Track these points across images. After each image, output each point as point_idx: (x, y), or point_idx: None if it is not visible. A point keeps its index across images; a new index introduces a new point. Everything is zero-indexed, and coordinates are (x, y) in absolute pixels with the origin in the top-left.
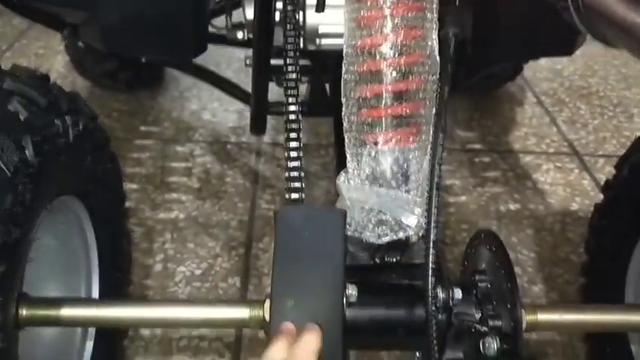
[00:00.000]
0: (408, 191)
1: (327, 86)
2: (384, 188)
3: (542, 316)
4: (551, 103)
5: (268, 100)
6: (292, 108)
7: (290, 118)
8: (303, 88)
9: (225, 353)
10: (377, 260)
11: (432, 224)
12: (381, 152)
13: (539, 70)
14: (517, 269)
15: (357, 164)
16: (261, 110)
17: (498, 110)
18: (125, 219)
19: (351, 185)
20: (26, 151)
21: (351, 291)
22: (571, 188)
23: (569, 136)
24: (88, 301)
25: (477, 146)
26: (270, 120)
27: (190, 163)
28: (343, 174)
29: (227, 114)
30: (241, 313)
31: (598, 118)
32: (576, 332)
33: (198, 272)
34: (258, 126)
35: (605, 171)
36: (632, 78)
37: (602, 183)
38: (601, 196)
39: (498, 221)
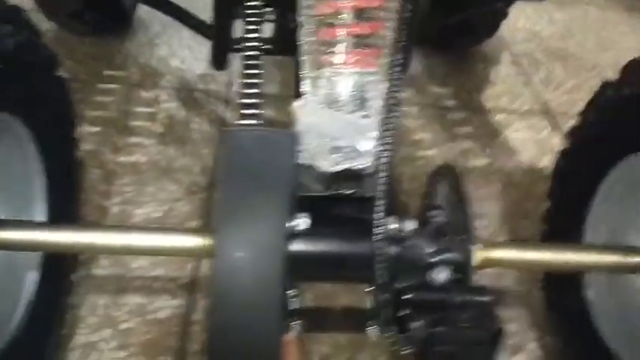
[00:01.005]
0: (365, 117)
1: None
2: (340, 113)
3: (497, 253)
4: (527, 64)
5: (232, 36)
6: (252, 27)
7: (249, 28)
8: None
9: (178, 294)
10: (331, 192)
11: (386, 148)
12: (338, 74)
13: (517, 31)
14: (482, 222)
15: (314, 88)
16: (222, 43)
17: (474, 69)
18: (75, 147)
19: (306, 109)
20: None
21: (301, 221)
22: (541, 146)
23: (543, 96)
24: (30, 224)
25: (450, 102)
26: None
27: (155, 109)
28: (299, 99)
29: (197, 62)
30: (192, 242)
31: (573, 80)
32: (532, 271)
33: (156, 215)
34: (218, 60)
35: None
36: (609, 42)
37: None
38: None
39: (466, 175)
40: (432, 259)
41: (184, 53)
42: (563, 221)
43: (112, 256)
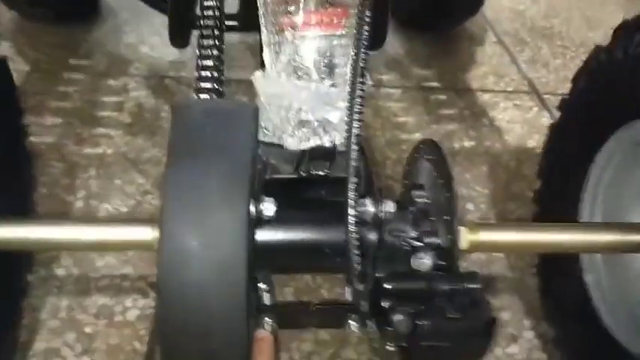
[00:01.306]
0: (333, 85)
1: None
2: (306, 81)
3: (486, 235)
4: (512, 43)
5: (194, 13)
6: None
7: (206, 4)
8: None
9: (149, 293)
10: (301, 174)
11: (355, 121)
12: (301, 38)
13: (501, 10)
14: (469, 205)
15: (275, 55)
16: (180, 19)
17: (457, 49)
18: (23, 136)
19: (267, 80)
20: None
21: (267, 206)
22: (529, 126)
23: (529, 75)
24: None
25: (434, 84)
26: None
27: (123, 98)
28: (260, 70)
29: (167, 48)
30: (143, 233)
31: (560, 58)
32: (523, 254)
33: (124, 209)
34: (176, 36)
35: None
36: (595, 20)
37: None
38: None
39: (452, 158)
40: (415, 244)
41: (154, 40)
42: (555, 201)
43: (76, 255)
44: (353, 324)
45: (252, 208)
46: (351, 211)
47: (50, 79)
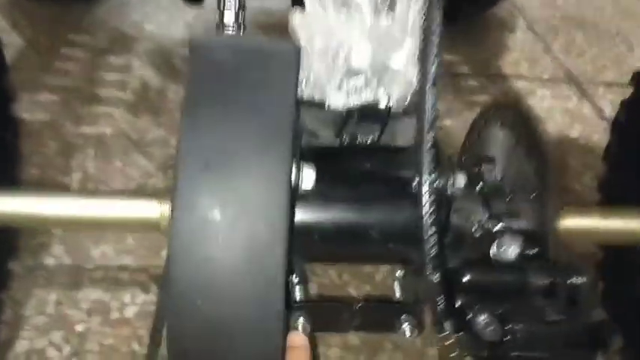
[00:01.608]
0: (394, 22)
1: None
2: (359, 15)
3: (585, 220)
4: (544, 31)
5: None
6: None
7: None
8: None
9: (150, 287)
10: (345, 140)
11: (431, 74)
12: None
13: None
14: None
15: None
16: None
17: (486, 36)
18: (10, 102)
19: (311, 18)
20: None
21: (307, 174)
22: (570, 115)
23: (565, 64)
24: None
25: (464, 70)
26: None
27: (126, 76)
28: (299, 9)
29: (174, 26)
30: (148, 208)
31: (595, 47)
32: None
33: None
34: None
35: (607, 98)
36: (628, 10)
37: (607, 111)
38: (604, 124)
39: None
40: (496, 228)
41: (160, 18)
42: (627, 187)
43: (68, 242)
44: (407, 327)
45: (293, 176)
46: (423, 187)
47: (48, 54)
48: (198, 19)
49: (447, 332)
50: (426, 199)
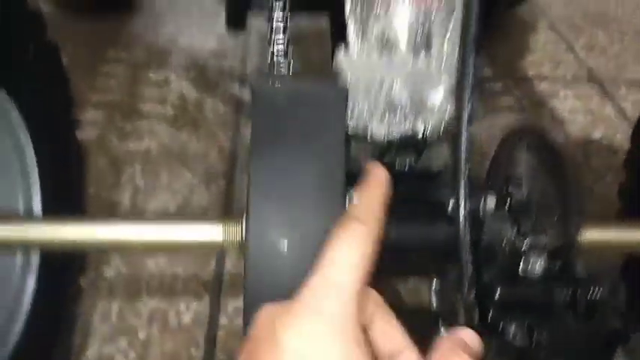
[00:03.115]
0: (430, 62)
1: None
2: (399, 58)
3: (607, 234)
4: (566, 29)
5: None
6: None
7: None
8: None
9: (203, 295)
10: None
11: (467, 106)
12: (393, 9)
13: None
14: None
15: (362, 31)
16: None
17: (509, 36)
18: (74, 127)
19: (355, 58)
20: None
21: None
22: (592, 116)
23: (587, 62)
24: (21, 218)
25: (487, 73)
26: (257, 43)
27: (164, 90)
28: (343, 46)
29: (207, 38)
30: (213, 232)
31: (618, 44)
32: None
33: (172, 207)
34: (235, 18)
35: (629, 99)
36: None
37: (628, 110)
38: (626, 125)
39: None
40: (522, 245)
41: (192, 31)
42: None
43: (124, 255)
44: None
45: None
46: (459, 208)
47: (91, 71)
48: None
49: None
50: (463, 222)
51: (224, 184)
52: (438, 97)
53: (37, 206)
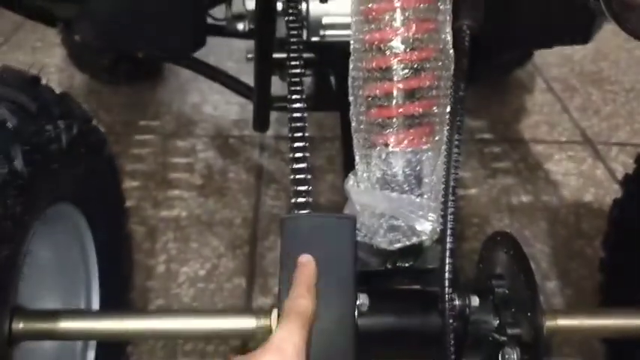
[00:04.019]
0: (421, 195)
1: (333, 80)
2: (396, 193)
3: (563, 322)
4: (561, 90)
5: (271, 95)
6: (297, 105)
7: (294, 115)
8: (308, 81)
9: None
10: (389, 266)
11: (449, 230)
12: (392, 154)
13: (549, 55)
14: (531, 264)
15: (367, 166)
16: (264, 105)
17: (508, 98)
18: (125, 222)
19: (361, 189)
20: (15, 162)
21: (363, 300)
22: (584, 178)
23: (581, 124)
24: (84, 313)
25: (487, 136)
26: (273, 112)
27: (192, 159)
28: (352, 177)
29: (229, 107)
30: (247, 323)
31: (610, 105)
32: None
33: (202, 273)
34: (261, 122)
35: (619, 160)
36: None
37: (617, 173)
38: (615, 187)
39: (510, 214)
40: (501, 339)
41: (215, 98)
42: (622, 276)
43: None
44: None
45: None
46: (447, 306)
47: (124, 141)
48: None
49: None
50: (447, 314)
51: (248, 250)
52: (429, 224)
53: (96, 298)
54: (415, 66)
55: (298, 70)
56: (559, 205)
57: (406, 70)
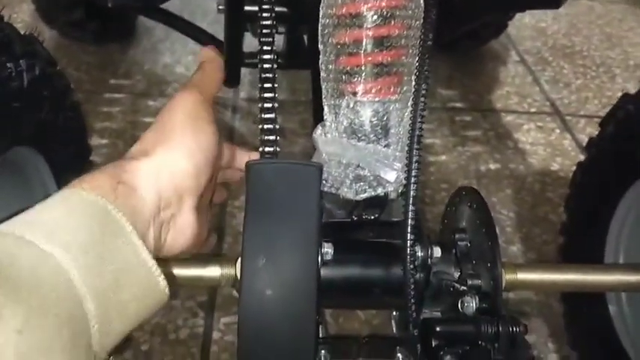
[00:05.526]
0: (387, 145)
1: (306, 37)
2: (363, 142)
3: (522, 276)
4: (534, 62)
5: (243, 51)
6: (267, 57)
7: (265, 67)
8: (281, 39)
9: (198, 312)
10: (354, 218)
11: (412, 180)
12: (359, 103)
13: (523, 28)
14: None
15: (335, 116)
16: (234, 60)
17: (480, 69)
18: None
19: (328, 138)
20: None
21: (327, 249)
22: (552, 148)
23: (551, 96)
24: None
25: (458, 105)
26: (247, 74)
27: None
28: (320, 127)
29: None
30: (212, 271)
31: (581, 78)
32: (554, 292)
33: None
34: (231, 77)
35: (587, 132)
36: (615, 38)
37: (583, 143)
38: (582, 157)
39: (478, 181)
40: (461, 287)
41: (188, 59)
42: (582, 235)
43: None
44: (400, 356)
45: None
46: (408, 254)
47: (94, 99)
48: None
49: None
50: (408, 265)
51: (217, 209)
52: (394, 173)
53: None
54: (385, 13)
55: (270, 22)
56: (526, 173)
57: (375, 17)
